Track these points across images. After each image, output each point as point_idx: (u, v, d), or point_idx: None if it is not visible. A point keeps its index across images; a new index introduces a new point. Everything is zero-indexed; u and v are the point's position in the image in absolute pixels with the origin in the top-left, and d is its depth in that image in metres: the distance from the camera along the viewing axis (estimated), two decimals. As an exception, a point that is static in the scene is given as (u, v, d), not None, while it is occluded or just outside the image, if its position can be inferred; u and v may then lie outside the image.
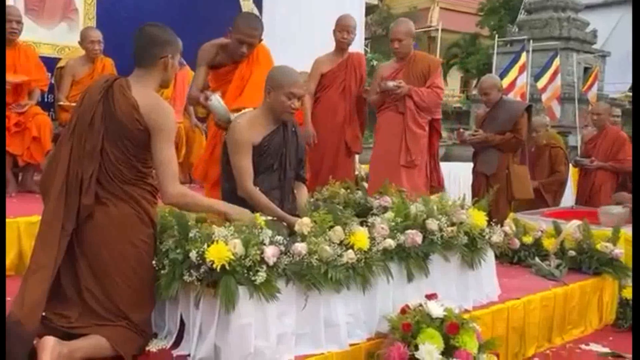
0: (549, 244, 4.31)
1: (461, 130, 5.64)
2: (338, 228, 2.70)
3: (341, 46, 4.72)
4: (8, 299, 2.59)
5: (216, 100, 3.37)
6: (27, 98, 4.69)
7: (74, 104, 4.91)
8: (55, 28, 5.58)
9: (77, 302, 2.46)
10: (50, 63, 5.32)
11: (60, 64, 5.31)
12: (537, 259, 4.21)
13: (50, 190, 2.46)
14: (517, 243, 4.26)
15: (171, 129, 2.53)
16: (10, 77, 4.48)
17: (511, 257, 4.35)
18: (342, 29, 4.70)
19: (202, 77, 3.83)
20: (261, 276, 2.38)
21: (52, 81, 5.34)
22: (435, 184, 4.79)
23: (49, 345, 2.22)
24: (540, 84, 10.61)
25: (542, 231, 4.44)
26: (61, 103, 5.07)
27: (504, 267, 4.20)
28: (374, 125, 4.95)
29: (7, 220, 3.54)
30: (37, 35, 5.38)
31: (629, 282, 4.13)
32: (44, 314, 2.40)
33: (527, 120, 5.12)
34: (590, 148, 6.18)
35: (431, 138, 4.73)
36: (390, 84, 4.50)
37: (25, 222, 3.61)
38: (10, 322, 2.27)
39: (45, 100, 5.36)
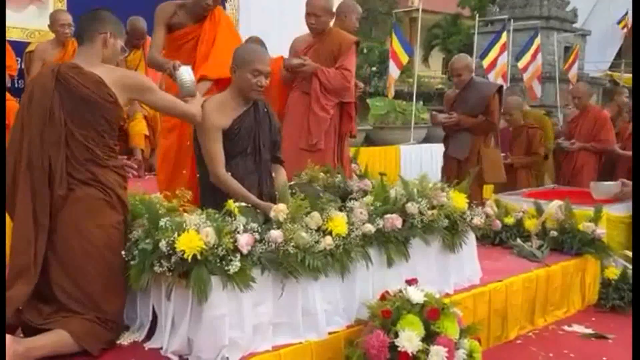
0: (531, 224, 4.27)
1: (434, 112, 5.55)
2: (315, 214, 2.63)
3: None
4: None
5: (186, 72, 3.21)
6: (-5, 84, 4.53)
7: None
8: (25, 11, 5.41)
9: (51, 297, 2.40)
10: (19, 47, 5.17)
11: (30, 48, 5.16)
12: (518, 240, 4.17)
13: (16, 190, 2.39)
14: (499, 224, 4.18)
15: (148, 80, 2.69)
16: None
17: (493, 239, 4.31)
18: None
19: (161, 39, 3.65)
20: (235, 265, 2.31)
21: (22, 66, 5.19)
22: None
23: (6, 345, 2.14)
24: (521, 63, 10.57)
25: (523, 212, 4.40)
26: (31, 89, 4.91)
27: (486, 248, 4.16)
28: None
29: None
30: (5, 20, 5.19)
31: (611, 262, 4.12)
32: (24, 311, 2.35)
33: (498, 102, 5.05)
34: (573, 128, 6.15)
35: (341, 121, 4.34)
36: (295, 61, 4.14)
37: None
38: None
39: (16, 85, 5.21)
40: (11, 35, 5.19)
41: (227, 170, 2.92)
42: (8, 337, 2.17)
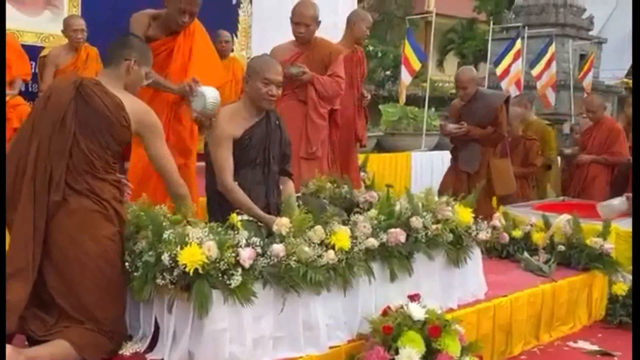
0: (539, 238, 4.25)
1: (442, 123, 5.48)
2: (318, 228, 2.63)
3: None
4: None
5: (212, 91, 3.22)
6: (9, 88, 4.58)
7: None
8: (39, 16, 5.45)
9: (52, 303, 2.42)
10: (34, 52, 5.21)
11: (43, 53, 5.20)
12: (526, 254, 4.15)
13: (19, 191, 2.42)
14: (506, 237, 4.19)
15: (160, 127, 2.71)
16: None
17: (500, 252, 4.29)
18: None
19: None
20: (236, 280, 2.32)
21: (36, 70, 5.24)
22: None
23: (7, 355, 2.16)
24: (535, 71, 10.49)
25: (531, 225, 4.38)
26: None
27: (493, 261, 4.14)
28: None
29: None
30: (19, 24, 5.26)
31: (619, 277, 4.08)
32: (25, 314, 2.36)
33: (505, 112, 5.02)
34: (586, 139, 6.10)
35: (330, 129, 4.43)
36: (294, 70, 4.11)
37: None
38: None
39: (30, 90, 5.26)
40: (26, 39, 5.25)
41: (235, 180, 2.93)
42: (8, 347, 2.20)
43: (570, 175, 6.26)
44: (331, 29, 7.40)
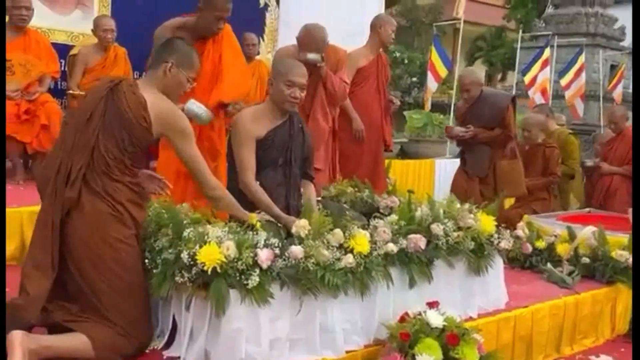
0: (563, 249, 4.17)
1: (449, 126, 5.33)
2: (337, 231, 2.62)
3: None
4: (8, 290, 2.58)
5: (194, 105, 3.20)
6: (38, 85, 4.66)
7: (85, 93, 4.95)
8: (70, 15, 5.53)
9: (78, 297, 2.44)
10: (64, 50, 5.29)
11: (73, 51, 5.28)
12: (549, 265, 4.08)
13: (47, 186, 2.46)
14: (529, 248, 4.13)
15: (189, 130, 2.61)
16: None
17: (522, 262, 4.22)
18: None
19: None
20: (254, 280, 2.32)
21: (65, 69, 5.32)
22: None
23: (17, 341, 2.18)
24: (564, 81, 10.34)
25: (556, 236, 4.31)
26: (72, 91, 5.03)
27: (515, 272, 4.09)
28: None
29: (10, 209, 3.54)
30: (50, 22, 5.34)
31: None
32: (49, 307, 2.39)
33: (513, 113, 4.90)
34: (608, 150, 6.00)
35: (332, 142, 4.36)
36: (313, 56, 3.93)
37: (29, 211, 3.56)
38: (11, 306, 2.30)
39: (59, 87, 5.34)
40: (56, 38, 5.33)
41: (256, 180, 2.95)
42: (20, 333, 2.21)
43: (592, 186, 6.16)
44: (358, 35, 7.44)
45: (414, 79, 18.67)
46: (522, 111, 8.08)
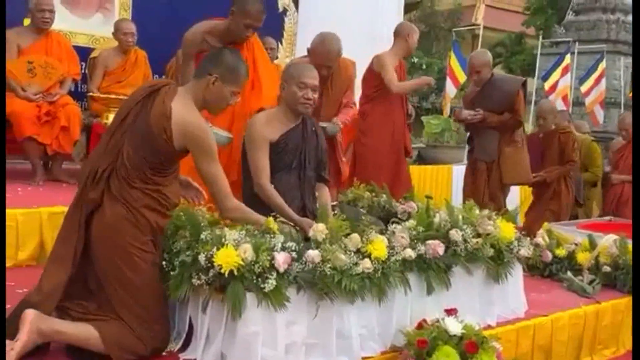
0: (583, 258, 4.11)
1: (457, 108, 5.21)
2: (355, 235, 2.60)
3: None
4: (24, 290, 2.60)
5: (217, 135, 3.15)
6: (59, 87, 4.70)
7: (104, 95, 5.00)
8: (91, 18, 5.59)
9: (96, 294, 2.45)
10: (85, 53, 5.34)
11: (94, 54, 5.33)
12: (569, 274, 4.02)
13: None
14: (549, 256, 4.07)
15: (211, 145, 2.50)
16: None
17: (542, 270, 4.17)
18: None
19: (192, 73, 3.38)
20: (270, 283, 2.31)
21: (86, 71, 5.37)
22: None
23: (29, 319, 2.20)
24: (584, 87, 10.25)
25: (576, 244, 4.25)
26: (92, 94, 5.08)
27: (534, 280, 4.04)
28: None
29: (30, 210, 3.57)
30: (72, 25, 5.41)
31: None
32: (66, 304, 2.41)
33: (523, 98, 4.80)
34: (619, 158, 5.91)
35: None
36: (329, 128, 3.94)
37: (48, 212, 3.60)
38: (25, 302, 2.31)
39: (79, 90, 5.39)
40: (77, 40, 5.38)
41: (270, 183, 2.94)
42: (33, 312, 2.23)
43: (605, 193, 6.07)
44: (378, 41, 7.43)
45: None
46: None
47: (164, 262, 2.48)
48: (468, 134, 5.14)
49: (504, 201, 4.87)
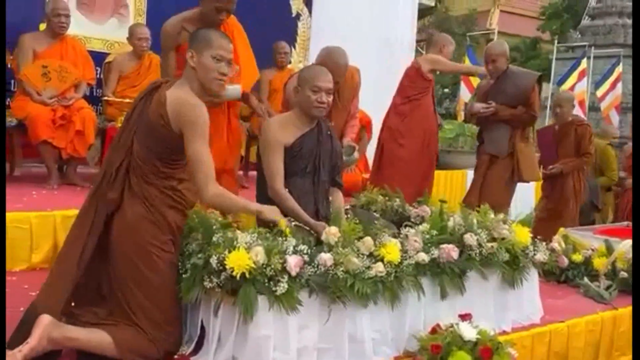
0: (600, 263, 4.06)
1: (470, 103, 5.15)
2: (367, 239, 2.58)
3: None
4: (38, 292, 2.61)
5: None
6: (74, 91, 4.73)
7: (119, 99, 5.03)
8: (106, 23, 5.63)
9: (108, 300, 2.45)
10: (100, 58, 5.37)
11: (109, 59, 5.36)
12: (586, 279, 3.97)
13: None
14: (565, 261, 4.02)
15: (200, 123, 2.40)
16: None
17: (558, 276, 4.11)
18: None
19: (174, 63, 3.40)
20: (282, 286, 2.29)
21: (101, 76, 5.40)
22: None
23: (43, 324, 2.20)
24: (600, 92, 10.17)
25: (593, 249, 4.19)
26: (106, 98, 5.11)
27: (550, 286, 4.00)
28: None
29: (44, 213, 3.59)
30: (87, 30, 5.44)
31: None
32: (76, 311, 2.41)
33: (538, 92, 4.64)
34: (632, 163, 5.83)
35: None
36: (345, 158, 3.77)
37: (62, 215, 3.61)
38: (29, 310, 2.31)
39: (94, 94, 5.43)
40: (92, 45, 5.42)
41: (285, 187, 2.93)
42: (48, 318, 2.22)
43: (618, 199, 5.99)
44: (392, 46, 7.42)
45: (446, 90, 18.55)
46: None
47: (174, 270, 2.47)
48: (478, 128, 5.00)
49: (509, 200, 4.73)
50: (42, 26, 4.80)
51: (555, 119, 5.41)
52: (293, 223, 2.66)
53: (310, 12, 6.71)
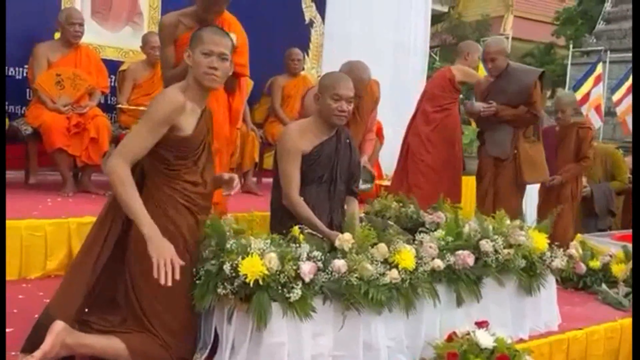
0: (618, 270, 4.00)
1: (468, 102, 4.74)
2: (382, 245, 2.56)
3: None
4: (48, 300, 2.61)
5: None
6: (88, 99, 4.76)
7: (134, 107, 5.05)
8: (120, 32, 5.65)
9: (123, 307, 2.44)
10: (114, 66, 5.40)
11: (123, 67, 5.39)
12: (604, 286, 3.91)
13: None
14: (583, 268, 3.97)
15: (152, 110, 2.35)
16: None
17: (576, 283, 4.07)
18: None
19: (172, 57, 3.41)
20: (296, 293, 2.27)
21: (115, 84, 5.43)
22: None
23: (56, 330, 2.20)
24: (616, 97, 10.07)
25: (611, 255, 4.13)
26: (121, 106, 5.13)
27: (568, 292, 3.95)
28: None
29: (59, 220, 3.61)
30: (102, 39, 5.47)
31: None
32: (90, 318, 2.40)
33: (540, 90, 4.46)
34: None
35: None
36: (362, 187, 3.75)
37: (77, 222, 3.62)
38: (43, 316, 2.31)
39: (109, 102, 5.46)
40: (107, 54, 5.44)
41: (300, 195, 2.91)
42: (62, 324, 2.22)
43: (629, 203, 5.89)
44: (405, 53, 7.41)
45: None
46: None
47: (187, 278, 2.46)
48: (478, 129, 4.88)
49: (520, 203, 4.63)
50: (57, 35, 4.83)
51: (557, 122, 5.29)
52: (306, 231, 2.64)
53: (323, 19, 6.71)
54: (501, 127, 4.48)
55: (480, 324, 2.59)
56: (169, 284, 2.16)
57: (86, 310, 2.46)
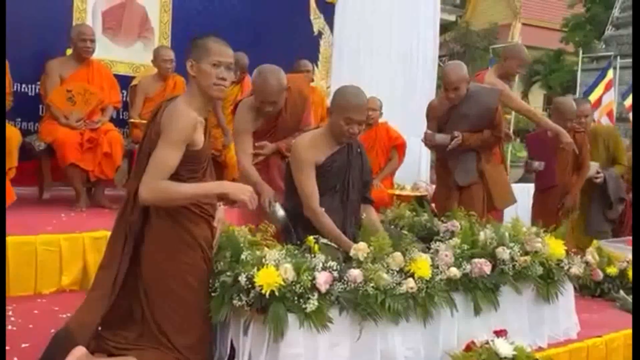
0: (636, 276, 3.94)
1: (429, 132, 4.20)
2: (397, 254, 2.54)
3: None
4: (67, 314, 2.61)
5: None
6: (101, 115, 4.79)
7: (145, 121, 5.06)
8: (132, 47, 5.69)
9: (139, 323, 2.44)
10: (126, 81, 5.43)
11: (134, 82, 5.42)
12: (622, 292, 3.87)
13: None
14: (600, 274, 3.92)
15: (171, 129, 2.32)
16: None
17: (593, 290, 4.02)
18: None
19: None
20: (312, 304, 2.26)
21: (127, 99, 5.46)
22: None
23: (76, 356, 2.20)
24: (627, 102, 10.00)
25: (627, 262, 4.08)
26: (133, 120, 5.16)
27: (585, 300, 3.91)
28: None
29: (73, 235, 3.62)
30: (113, 54, 5.51)
31: None
32: (105, 334, 2.40)
33: (501, 110, 4.18)
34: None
35: None
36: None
37: (90, 237, 3.63)
38: (62, 331, 2.32)
39: (121, 117, 5.49)
40: (118, 69, 5.48)
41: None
42: (82, 349, 2.23)
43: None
44: (414, 62, 7.41)
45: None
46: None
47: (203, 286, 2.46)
48: (438, 157, 4.41)
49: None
50: (69, 51, 4.87)
51: (572, 128, 4.88)
52: (322, 241, 2.62)
53: (331, 30, 6.73)
54: (466, 156, 4.15)
55: (499, 333, 2.57)
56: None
57: (99, 327, 2.45)
